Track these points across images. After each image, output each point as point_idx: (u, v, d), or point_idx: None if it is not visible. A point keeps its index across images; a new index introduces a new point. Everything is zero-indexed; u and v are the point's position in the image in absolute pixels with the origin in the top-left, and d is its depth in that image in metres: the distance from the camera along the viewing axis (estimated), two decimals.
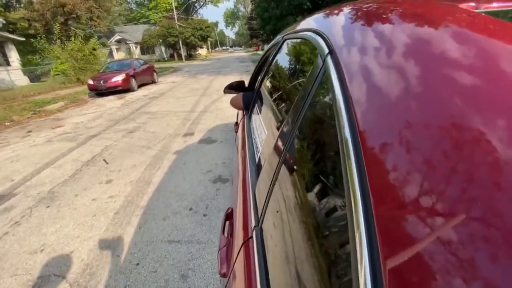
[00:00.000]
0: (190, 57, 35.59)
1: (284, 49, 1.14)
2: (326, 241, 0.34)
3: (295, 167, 0.53)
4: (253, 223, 0.58)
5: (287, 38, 1.09)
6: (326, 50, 0.52)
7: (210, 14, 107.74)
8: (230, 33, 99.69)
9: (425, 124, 0.26)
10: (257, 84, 1.64)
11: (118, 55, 28.93)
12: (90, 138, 4.56)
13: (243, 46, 79.00)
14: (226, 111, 5.41)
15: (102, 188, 2.80)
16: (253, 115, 1.40)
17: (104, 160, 3.51)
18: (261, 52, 40.94)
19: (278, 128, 0.76)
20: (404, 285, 0.20)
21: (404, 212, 0.23)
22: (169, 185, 2.72)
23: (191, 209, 2.29)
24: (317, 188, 0.42)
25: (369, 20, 0.52)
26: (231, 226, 0.73)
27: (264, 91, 1.32)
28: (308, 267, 0.35)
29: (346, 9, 0.64)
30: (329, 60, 0.48)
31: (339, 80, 0.41)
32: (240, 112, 1.84)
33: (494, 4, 0.41)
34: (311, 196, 0.43)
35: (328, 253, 0.32)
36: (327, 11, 0.78)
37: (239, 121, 1.77)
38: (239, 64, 20.26)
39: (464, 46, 0.30)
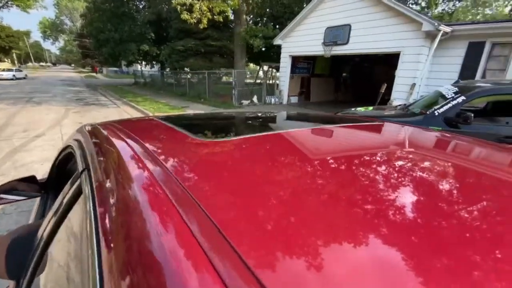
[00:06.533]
0: None
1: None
2: None
3: None
4: None
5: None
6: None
7: (17, 20, 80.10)
8: (52, 47, 79.50)
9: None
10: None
11: None
12: None
13: (73, 65, 65.15)
14: (38, 168, 3.57)
15: None
16: None
17: None
18: (100, 76, 29.89)
19: None
20: None
21: None
22: None
23: None
24: None
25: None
26: None
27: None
28: None
29: None
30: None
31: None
32: None
33: None
34: None
35: None
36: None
37: None
38: (66, 88, 15.95)
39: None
